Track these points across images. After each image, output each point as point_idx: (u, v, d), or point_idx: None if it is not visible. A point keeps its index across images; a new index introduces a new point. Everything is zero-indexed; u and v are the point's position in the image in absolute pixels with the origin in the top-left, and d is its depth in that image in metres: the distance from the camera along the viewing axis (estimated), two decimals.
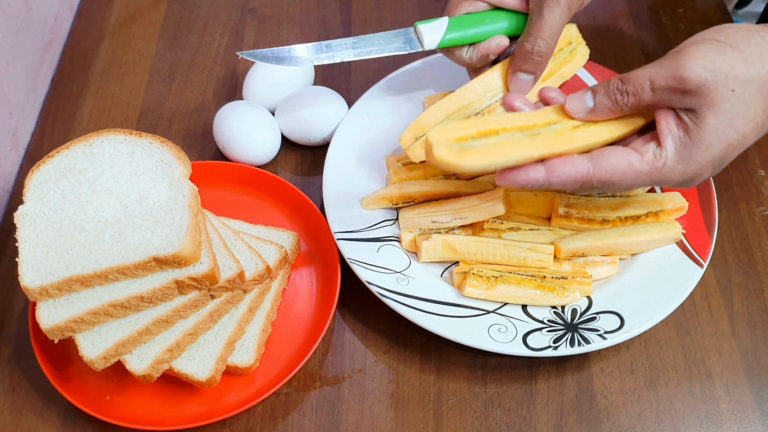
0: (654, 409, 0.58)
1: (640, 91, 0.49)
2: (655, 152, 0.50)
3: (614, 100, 0.50)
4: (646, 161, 0.50)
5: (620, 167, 0.50)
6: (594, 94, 0.51)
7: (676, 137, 0.50)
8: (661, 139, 0.50)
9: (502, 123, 0.51)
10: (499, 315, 0.59)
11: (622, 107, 0.50)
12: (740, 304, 0.63)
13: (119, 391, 0.58)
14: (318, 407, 0.58)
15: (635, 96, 0.50)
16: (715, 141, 0.49)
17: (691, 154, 0.50)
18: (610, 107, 0.51)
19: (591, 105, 0.51)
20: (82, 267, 0.53)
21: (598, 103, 0.51)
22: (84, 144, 0.60)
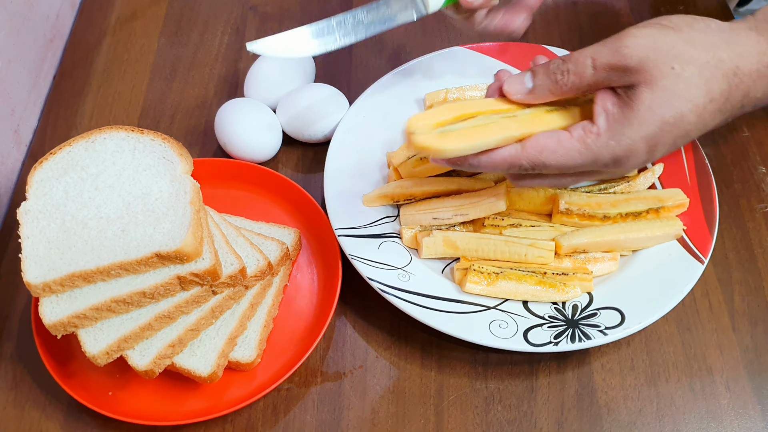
0: (654, 406, 0.58)
1: (582, 69, 0.49)
2: (584, 127, 0.50)
3: (554, 79, 0.50)
4: (575, 137, 0.50)
5: (549, 145, 0.50)
6: (533, 74, 0.50)
7: (609, 113, 0.49)
8: (595, 115, 0.50)
9: (478, 107, 0.51)
10: (500, 311, 0.59)
11: (562, 87, 0.50)
12: (741, 300, 0.63)
13: (121, 387, 0.58)
14: (319, 403, 0.58)
15: (576, 75, 0.49)
16: (648, 117, 0.49)
17: (623, 130, 0.49)
18: (550, 87, 0.50)
19: (530, 86, 0.50)
20: (85, 263, 0.53)
21: (537, 83, 0.50)
22: (86, 141, 0.60)
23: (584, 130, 0.50)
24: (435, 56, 0.74)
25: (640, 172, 0.67)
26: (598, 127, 0.49)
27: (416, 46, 0.81)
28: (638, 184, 0.66)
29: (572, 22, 0.82)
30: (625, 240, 0.62)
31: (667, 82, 0.48)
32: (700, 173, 0.66)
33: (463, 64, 0.74)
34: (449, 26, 0.83)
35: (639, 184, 0.66)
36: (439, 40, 0.81)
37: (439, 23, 0.83)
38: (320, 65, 0.79)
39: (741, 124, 0.74)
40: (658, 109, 0.48)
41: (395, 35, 0.82)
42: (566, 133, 0.50)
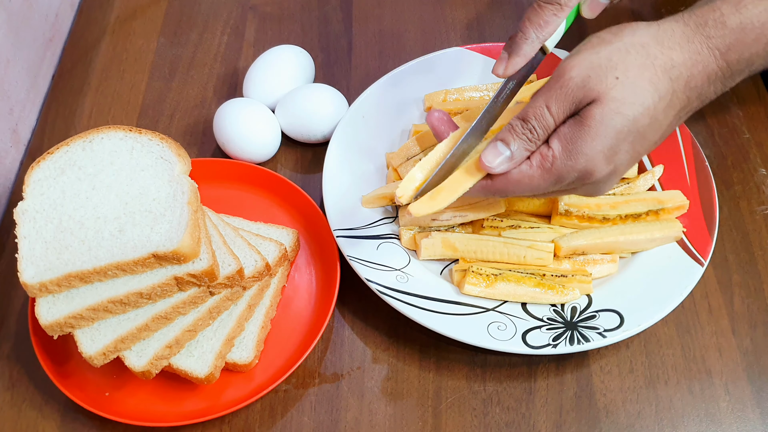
0: (653, 408, 0.58)
1: (544, 121, 0.51)
2: (542, 153, 0.52)
3: (526, 138, 0.51)
4: (534, 165, 0.52)
5: (513, 177, 0.52)
6: (505, 143, 0.52)
7: (562, 135, 0.51)
8: (550, 141, 0.52)
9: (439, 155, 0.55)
10: (499, 313, 0.59)
11: (535, 142, 0.52)
12: (740, 303, 0.63)
13: (118, 387, 0.58)
14: (317, 404, 0.58)
15: (542, 127, 0.51)
16: (601, 130, 0.50)
17: (577, 148, 0.50)
18: (525, 147, 0.52)
19: (508, 154, 0.52)
20: (82, 263, 0.53)
21: (514, 149, 0.52)
22: (84, 140, 0.60)
23: (542, 155, 0.52)
24: (434, 57, 0.73)
25: (640, 173, 0.67)
26: (553, 150, 0.51)
27: (415, 47, 0.80)
28: (638, 186, 0.66)
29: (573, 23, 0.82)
30: (625, 242, 0.61)
31: (615, 92, 0.50)
32: (700, 175, 0.66)
33: (462, 64, 0.73)
34: (448, 26, 0.82)
35: (639, 186, 0.66)
36: (439, 41, 0.81)
37: (438, 23, 0.83)
38: (320, 66, 0.79)
39: (741, 125, 0.74)
40: (610, 120, 0.50)
41: (394, 36, 0.82)
42: (527, 162, 0.52)
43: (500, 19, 0.83)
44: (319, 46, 0.81)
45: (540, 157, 0.52)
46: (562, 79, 0.51)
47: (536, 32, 0.54)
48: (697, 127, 0.73)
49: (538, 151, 0.52)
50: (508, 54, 0.55)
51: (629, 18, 0.82)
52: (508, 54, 0.55)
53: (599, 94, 0.50)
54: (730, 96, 0.76)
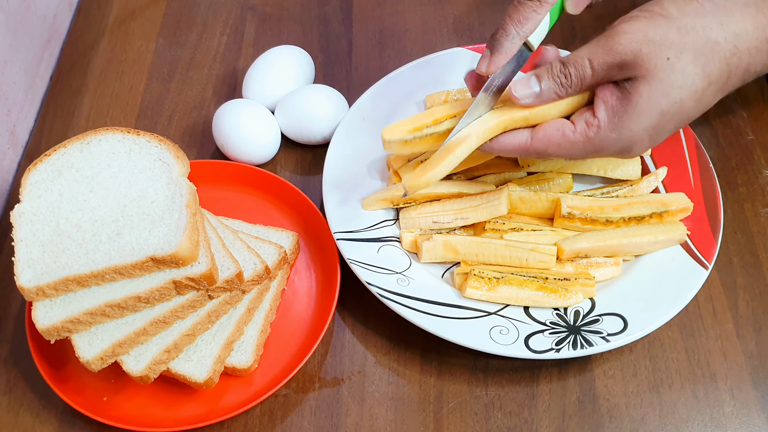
0: (657, 413, 0.57)
1: (582, 71, 0.51)
2: (587, 120, 0.52)
3: (559, 82, 0.51)
4: (578, 131, 0.52)
5: (554, 138, 0.52)
6: (538, 78, 0.51)
7: (609, 106, 0.51)
8: (596, 108, 0.51)
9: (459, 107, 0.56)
10: (501, 317, 0.58)
11: (567, 89, 0.51)
12: (745, 306, 0.62)
13: (116, 392, 0.57)
14: (317, 409, 0.58)
15: (578, 77, 0.51)
16: (647, 109, 0.50)
17: (623, 122, 0.51)
18: (556, 90, 0.51)
19: (537, 90, 0.51)
20: (79, 267, 0.53)
21: (544, 87, 0.51)
22: (81, 142, 0.59)
23: (587, 123, 0.52)
24: (435, 57, 0.73)
25: (643, 175, 0.66)
26: (599, 120, 0.51)
27: (416, 48, 0.80)
28: (641, 188, 0.65)
29: (575, 23, 0.82)
30: (628, 245, 0.61)
31: (664, 74, 0.49)
32: (704, 177, 0.65)
33: (463, 65, 0.73)
34: (449, 27, 0.82)
35: (642, 188, 0.65)
36: (440, 41, 0.81)
37: (439, 24, 0.82)
38: (320, 66, 0.78)
39: (746, 126, 0.73)
40: (657, 100, 0.50)
41: (395, 36, 0.81)
42: (570, 126, 0.52)
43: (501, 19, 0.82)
44: (319, 47, 0.80)
45: (585, 125, 0.52)
46: (613, 41, 0.50)
47: (516, 29, 0.54)
48: (700, 128, 0.73)
49: (583, 117, 0.52)
50: (490, 51, 0.54)
51: None
52: (490, 51, 0.54)
53: (647, 71, 0.50)
54: (735, 97, 0.75)
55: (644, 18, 0.51)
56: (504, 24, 0.54)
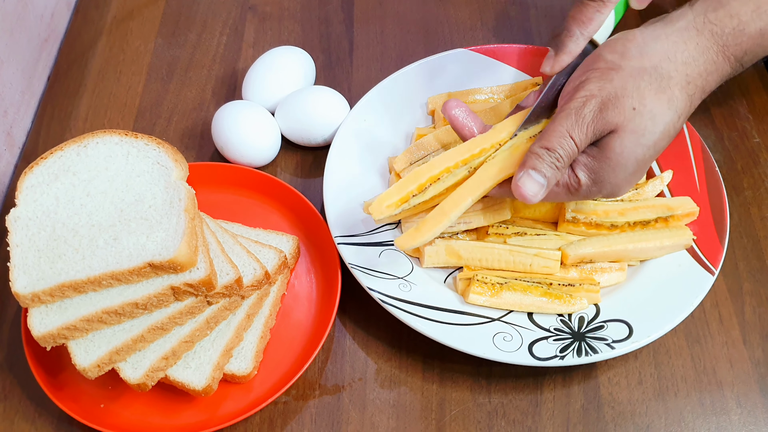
0: (663, 421, 0.56)
1: (570, 150, 0.51)
2: (569, 179, 0.53)
3: (555, 167, 0.52)
4: (561, 186, 0.53)
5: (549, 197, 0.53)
6: (538, 172, 0.52)
7: (586, 167, 0.52)
8: (574, 168, 0.53)
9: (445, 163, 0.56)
10: (504, 323, 0.58)
11: (562, 170, 0.52)
12: (752, 312, 0.61)
13: (114, 399, 0.56)
14: (317, 417, 0.57)
15: (568, 156, 0.52)
16: (622, 161, 0.51)
17: (602, 177, 0.52)
18: (556, 176, 0.52)
19: (545, 182, 0.52)
20: (75, 273, 0.52)
21: (549, 177, 0.52)
22: (78, 145, 0.58)
23: (569, 180, 0.53)
24: (438, 58, 0.72)
25: (649, 179, 0.65)
26: (579, 180, 0.53)
27: (418, 48, 0.79)
28: (646, 192, 0.64)
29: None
30: (633, 250, 0.60)
31: (633, 125, 0.51)
32: (710, 181, 0.64)
33: (466, 66, 0.72)
34: (452, 27, 0.81)
35: (647, 192, 0.64)
36: (442, 42, 0.80)
37: (441, 24, 0.81)
38: (321, 68, 0.77)
39: (751, 129, 0.72)
40: (631, 151, 0.51)
41: (396, 37, 0.80)
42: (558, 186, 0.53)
43: (505, 20, 0.81)
44: (319, 48, 0.79)
45: (566, 182, 0.53)
46: (579, 109, 0.51)
47: (580, 30, 0.54)
48: (706, 131, 0.72)
49: (565, 176, 0.53)
50: (555, 51, 0.55)
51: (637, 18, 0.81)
52: (555, 51, 0.55)
53: (617, 125, 0.51)
54: (740, 100, 0.74)
55: (595, 78, 0.52)
56: (568, 24, 0.55)
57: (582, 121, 0.51)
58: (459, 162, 0.56)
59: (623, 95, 0.50)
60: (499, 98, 0.70)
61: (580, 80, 0.52)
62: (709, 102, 0.72)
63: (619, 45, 0.52)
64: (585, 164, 0.52)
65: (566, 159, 0.52)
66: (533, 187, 0.51)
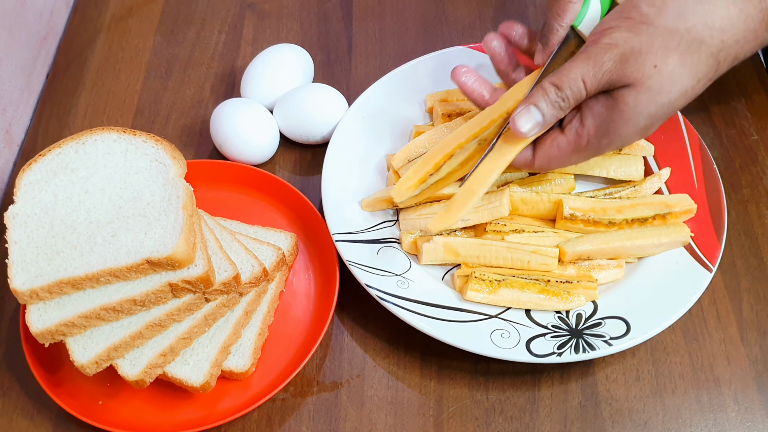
0: (660, 418, 0.57)
1: (578, 93, 0.51)
2: (577, 130, 0.53)
3: (558, 107, 0.52)
4: (571, 142, 0.53)
5: (552, 153, 0.54)
6: (538, 107, 0.52)
7: (596, 115, 0.52)
8: (583, 118, 0.53)
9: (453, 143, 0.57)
10: (502, 320, 0.58)
11: (565, 111, 0.52)
12: (749, 309, 0.62)
13: (112, 396, 0.56)
14: (315, 413, 0.57)
15: (574, 98, 0.51)
16: (635, 115, 0.51)
17: (611, 129, 0.52)
18: (556, 115, 0.52)
19: (541, 119, 0.52)
20: (74, 269, 0.52)
21: (547, 115, 0.52)
22: (77, 142, 0.58)
23: (577, 133, 0.53)
24: (436, 56, 0.72)
25: (647, 176, 0.65)
26: (588, 129, 0.52)
27: (417, 46, 0.79)
28: (644, 189, 0.64)
29: None
30: (631, 247, 0.60)
31: (651, 82, 0.50)
32: (708, 178, 0.64)
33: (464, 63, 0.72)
34: (450, 25, 0.81)
35: (645, 189, 0.64)
36: (440, 40, 0.80)
37: (440, 22, 0.81)
38: (319, 66, 0.77)
39: (750, 127, 0.72)
40: (645, 107, 0.51)
41: (395, 34, 0.80)
42: (564, 138, 0.54)
43: (503, 17, 0.81)
44: (318, 45, 0.79)
45: (575, 135, 0.53)
46: (600, 55, 0.50)
47: (558, 22, 0.55)
48: (704, 128, 0.72)
49: (573, 127, 0.53)
50: (542, 46, 0.56)
51: None
52: (542, 46, 0.56)
53: (635, 80, 0.50)
54: (739, 98, 0.74)
55: (625, 27, 0.51)
56: (546, 19, 0.56)
57: (599, 69, 0.50)
58: (470, 136, 0.56)
59: (648, 51, 0.49)
60: None
61: (610, 25, 0.51)
62: (707, 100, 0.73)
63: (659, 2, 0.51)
64: (596, 113, 0.52)
65: (572, 101, 0.51)
66: (528, 123, 0.52)
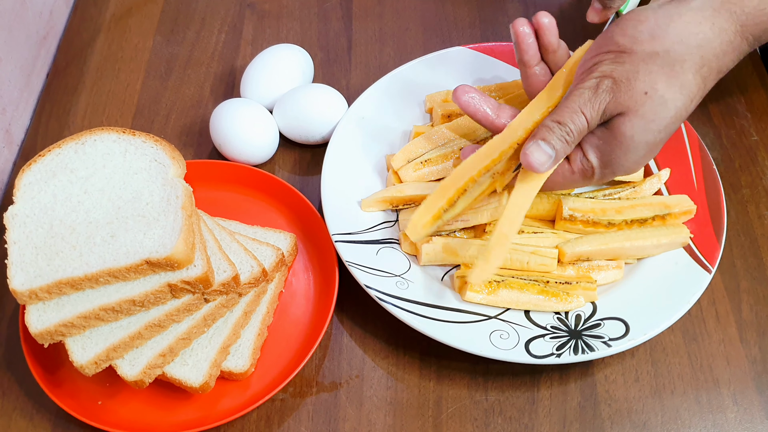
0: (659, 419, 0.57)
1: (580, 126, 0.52)
2: (582, 161, 0.54)
3: (565, 141, 0.52)
4: (576, 172, 0.54)
5: (558, 180, 0.55)
6: (547, 142, 0.52)
7: (597, 149, 0.53)
8: (586, 152, 0.54)
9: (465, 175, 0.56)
10: (501, 321, 0.58)
11: (572, 144, 0.53)
12: (749, 310, 0.62)
13: (111, 396, 0.56)
14: (314, 414, 0.57)
15: (578, 132, 0.52)
16: (633, 145, 0.52)
17: (614, 161, 0.53)
18: (565, 149, 0.53)
19: (553, 153, 0.52)
20: (73, 270, 0.52)
21: (558, 149, 0.52)
22: (76, 142, 0.58)
23: (582, 164, 0.54)
24: (435, 56, 0.72)
25: (646, 177, 0.65)
26: (591, 163, 0.54)
27: (416, 47, 0.79)
28: (644, 190, 0.64)
29: (577, 21, 0.80)
30: (631, 248, 0.60)
31: (644, 109, 0.51)
32: (707, 179, 0.64)
33: (463, 64, 0.72)
34: (450, 25, 0.81)
35: (645, 190, 0.64)
36: (440, 40, 0.80)
37: (440, 22, 0.81)
38: (319, 65, 0.77)
39: (749, 127, 0.72)
40: (642, 136, 0.51)
41: (395, 34, 0.80)
42: (569, 168, 0.54)
43: (503, 18, 0.81)
44: (318, 45, 0.79)
45: (581, 167, 0.54)
46: (593, 87, 0.51)
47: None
48: (704, 129, 0.72)
49: (578, 160, 0.54)
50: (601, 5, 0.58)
51: None
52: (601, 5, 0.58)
53: (628, 108, 0.51)
54: (738, 97, 0.74)
55: (608, 60, 0.52)
56: None
57: (594, 99, 0.51)
58: (481, 169, 0.55)
59: (635, 79, 0.50)
60: (497, 96, 0.70)
61: (593, 62, 0.52)
62: (707, 100, 0.72)
63: (630, 27, 0.52)
64: (596, 147, 0.53)
65: (576, 134, 0.52)
66: (541, 157, 0.52)
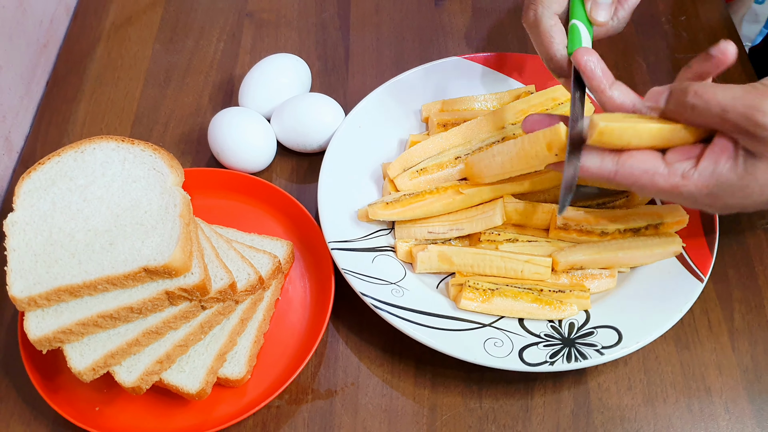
0: (652, 427, 0.57)
1: (708, 115, 0.46)
2: (684, 173, 0.47)
3: (681, 111, 0.47)
4: (670, 180, 0.48)
5: (641, 180, 0.49)
6: (670, 96, 0.48)
7: (718, 173, 0.47)
8: (702, 163, 0.47)
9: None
10: (495, 329, 0.58)
11: (686, 119, 0.47)
12: (741, 319, 0.62)
13: (109, 402, 0.57)
14: (310, 421, 0.57)
15: (702, 116, 0.46)
16: (756, 191, 0.46)
17: (724, 196, 0.47)
18: (674, 116, 0.48)
19: (663, 105, 0.48)
20: (71, 277, 0.52)
21: (670, 107, 0.48)
22: (75, 151, 0.59)
23: (683, 176, 0.47)
24: (433, 66, 0.73)
25: None
26: (697, 181, 0.47)
27: (413, 56, 0.80)
28: (637, 200, 0.65)
29: None
30: (624, 257, 0.61)
31: None
32: None
33: (461, 74, 0.73)
34: (447, 36, 0.82)
35: (638, 200, 0.65)
36: (437, 50, 0.80)
37: (437, 32, 0.82)
38: (316, 75, 0.78)
39: None
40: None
41: (392, 44, 0.81)
42: (663, 172, 0.48)
43: (499, 28, 0.82)
44: (315, 54, 0.80)
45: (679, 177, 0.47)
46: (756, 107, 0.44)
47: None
48: None
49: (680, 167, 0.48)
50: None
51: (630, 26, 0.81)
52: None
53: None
54: None
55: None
56: None
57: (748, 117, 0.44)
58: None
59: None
60: (493, 106, 0.70)
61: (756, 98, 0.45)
62: None
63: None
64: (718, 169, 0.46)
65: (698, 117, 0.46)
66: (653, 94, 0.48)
